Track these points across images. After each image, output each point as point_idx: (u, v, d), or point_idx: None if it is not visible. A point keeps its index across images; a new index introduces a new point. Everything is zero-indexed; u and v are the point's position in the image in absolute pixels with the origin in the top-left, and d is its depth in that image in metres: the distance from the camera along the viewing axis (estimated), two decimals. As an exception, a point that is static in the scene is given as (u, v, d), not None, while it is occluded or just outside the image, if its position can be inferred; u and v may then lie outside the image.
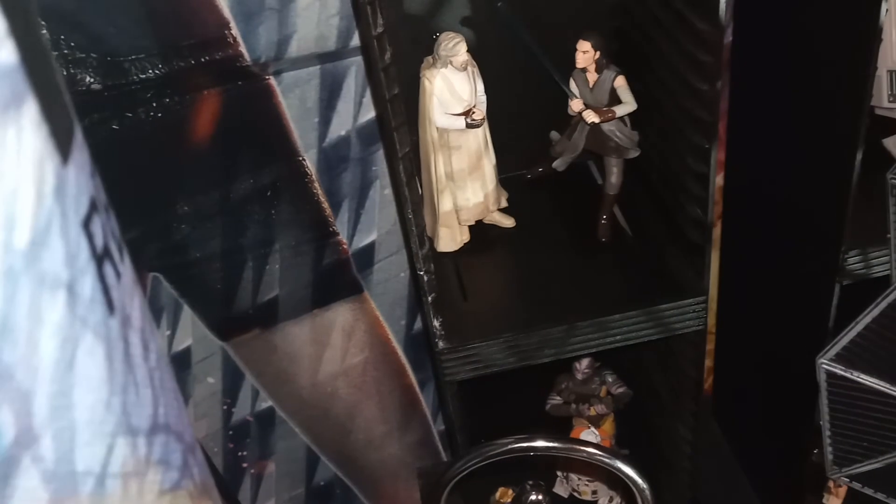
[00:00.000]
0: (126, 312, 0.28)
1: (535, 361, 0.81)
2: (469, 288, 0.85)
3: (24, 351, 0.22)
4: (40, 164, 0.25)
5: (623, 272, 0.84)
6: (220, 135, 0.94)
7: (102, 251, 0.26)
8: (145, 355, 0.30)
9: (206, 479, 0.36)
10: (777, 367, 1.02)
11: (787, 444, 1.03)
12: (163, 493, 0.30)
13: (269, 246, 1.04)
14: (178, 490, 0.31)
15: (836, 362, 0.53)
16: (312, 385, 1.17)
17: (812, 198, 0.85)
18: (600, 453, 0.60)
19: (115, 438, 0.25)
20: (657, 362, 0.98)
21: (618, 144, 0.84)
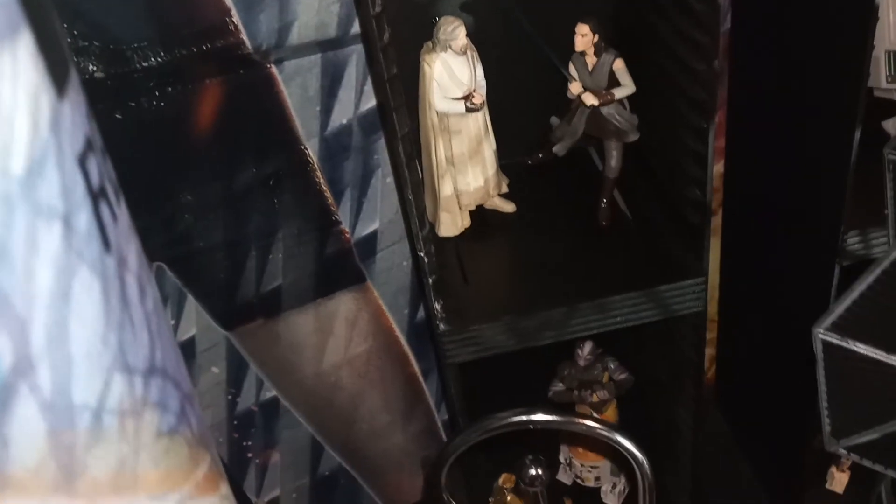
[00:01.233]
0: (122, 254, 0.29)
1: (536, 343, 0.81)
2: (470, 272, 0.85)
3: (21, 278, 0.22)
4: (36, 96, 0.25)
5: (623, 255, 0.84)
6: (223, 124, 0.95)
7: (98, 190, 0.26)
8: (142, 299, 0.30)
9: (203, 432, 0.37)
10: (778, 352, 1.02)
11: (789, 429, 1.03)
12: (160, 436, 0.30)
13: (272, 235, 1.04)
14: (176, 435, 0.32)
15: (831, 331, 0.53)
16: (316, 374, 1.17)
17: (812, 180, 0.85)
18: (598, 426, 0.61)
19: (112, 374, 0.26)
20: (658, 348, 0.98)
21: (617, 128, 0.85)
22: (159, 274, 1.03)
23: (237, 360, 1.13)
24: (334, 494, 1.29)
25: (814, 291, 0.87)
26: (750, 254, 1.07)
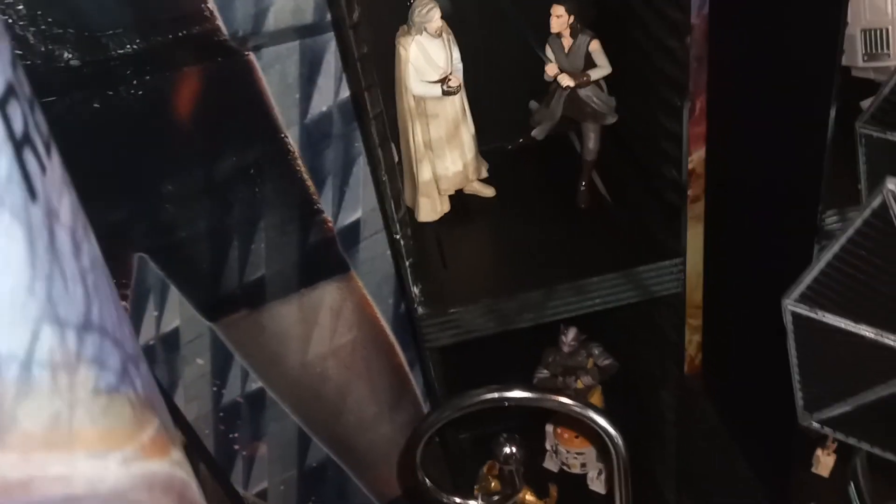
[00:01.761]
0: (52, 206, 0.29)
1: (515, 326, 0.81)
2: (449, 256, 0.85)
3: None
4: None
5: (601, 237, 0.84)
6: (202, 113, 0.95)
7: (22, 137, 0.26)
8: (76, 254, 0.30)
9: (151, 396, 0.36)
10: (762, 336, 1.02)
11: (774, 413, 1.02)
12: (97, 393, 0.30)
13: (255, 225, 1.04)
14: (116, 394, 0.31)
15: (800, 302, 0.53)
16: (302, 365, 1.17)
17: (791, 161, 0.85)
18: (572, 403, 0.60)
19: (41, 325, 0.26)
20: (640, 333, 0.98)
21: (595, 110, 0.84)
22: (142, 265, 1.03)
23: (222, 351, 1.13)
24: (322, 486, 1.29)
25: (794, 273, 0.87)
26: (733, 239, 1.07)
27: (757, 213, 0.96)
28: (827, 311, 0.52)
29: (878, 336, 0.51)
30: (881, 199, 0.47)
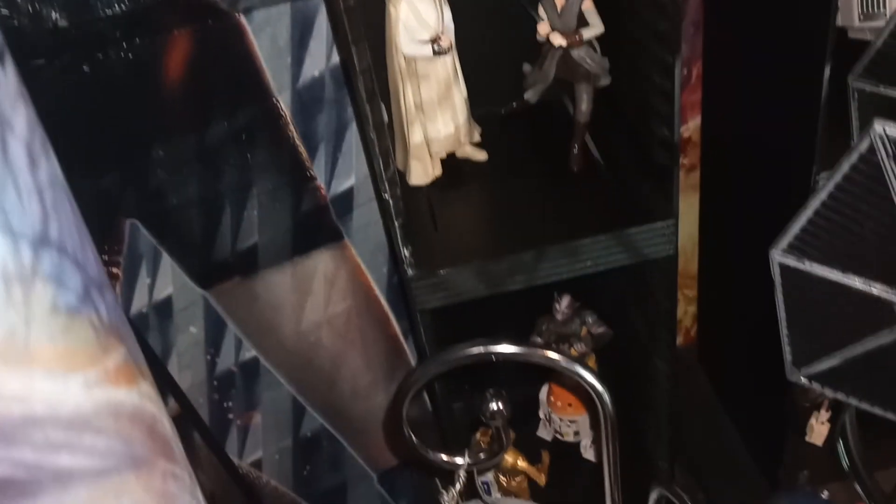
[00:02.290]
0: (5, 116, 0.28)
1: (506, 288, 0.80)
2: (441, 219, 0.85)
3: None
4: None
5: (594, 200, 0.84)
6: (193, 76, 0.94)
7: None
8: (31, 168, 0.29)
9: (118, 325, 0.36)
10: (756, 303, 1.01)
11: (768, 382, 1.02)
12: (56, 311, 0.29)
13: (247, 191, 1.03)
14: (77, 315, 0.31)
15: (788, 253, 0.52)
16: (296, 334, 1.17)
17: (785, 123, 0.84)
18: (559, 358, 0.60)
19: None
20: (634, 300, 0.98)
21: (588, 71, 0.84)
22: (133, 231, 1.02)
23: (215, 319, 1.13)
24: (317, 455, 1.29)
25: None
26: (728, 208, 1.07)
27: (752, 178, 0.96)
28: (815, 261, 0.51)
29: (866, 286, 0.50)
30: (869, 142, 0.46)
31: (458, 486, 0.65)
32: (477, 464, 0.66)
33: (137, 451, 0.35)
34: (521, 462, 0.97)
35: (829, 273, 0.51)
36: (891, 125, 0.45)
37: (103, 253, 1.02)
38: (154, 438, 0.36)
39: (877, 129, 0.45)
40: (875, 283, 0.50)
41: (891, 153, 0.45)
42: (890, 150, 0.44)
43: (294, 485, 1.30)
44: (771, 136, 0.88)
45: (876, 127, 0.45)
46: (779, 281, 0.55)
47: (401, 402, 0.61)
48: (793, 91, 0.81)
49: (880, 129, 0.45)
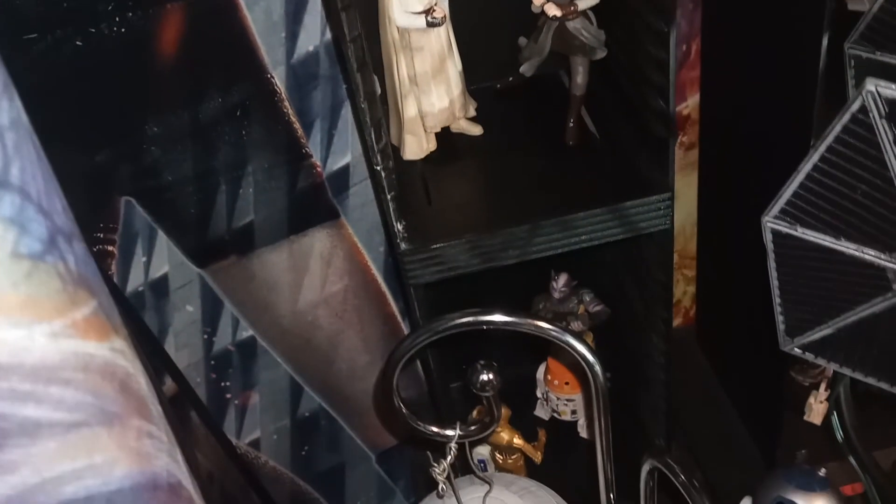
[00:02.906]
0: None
1: (500, 263, 0.80)
2: (435, 194, 0.84)
3: None
4: None
5: (589, 173, 0.83)
6: (186, 52, 0.93)
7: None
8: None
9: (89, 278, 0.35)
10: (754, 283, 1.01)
11: (766, 361, 1.01)
12: (18, 257, 0.29)
13: (242, 169, 1.03)
14: (41, 263, 0.30)
15: (779, 219, 0.51)
16: (293, 313, 1.17)
17: (783, 95, 0.83)
18: (550, 327, 0.59)
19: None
20: (630, 276, 0.97)
21: (584, 43, 0.83)
22: (129, 209, 1.02)
23: (212, 298, 1.12)
24: (315, 435, 1.29)
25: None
26: (726, 185, 1.06)
27: (751, 155, 0.95)
28: (807, 227, 0.50)
29: (858, 252, 0.49)
30: (860, 101, 0.45)
31: (450, 459, 0.64)
32: (468, 436, 0.65)
33: (109, 407, 0.34)
34: (518, 440, 0.97)
35: (821, 239, 0.50)
36: (883, 84, 0.44)
37: (98, 230, 1.02)
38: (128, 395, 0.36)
39: (869, 87, 0.44)
40: (868, 248, 0.49)
41: (884, 113, 0.44)
42: (883, 110, 0.43)
43: (292, 465, 1.30)
44: (769, 111, 0.87)
45: (868, 85, 0.44)
46: (771, 248, 0.54)
47: (391, 372, 0.60)
48: (791, 63, 0.80)
49: (872, 87, 0.44)
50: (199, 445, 1.20)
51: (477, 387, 0.61)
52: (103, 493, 0.33)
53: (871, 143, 0.45)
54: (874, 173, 0.46)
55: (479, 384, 0.61)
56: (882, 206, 0.47)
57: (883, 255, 0.49)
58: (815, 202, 0.50)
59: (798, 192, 0.51)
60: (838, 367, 0.57)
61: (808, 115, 0.76)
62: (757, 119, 0.90)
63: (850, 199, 0.49)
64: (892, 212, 0.47)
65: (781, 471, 0.77)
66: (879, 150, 0.45)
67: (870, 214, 0.48)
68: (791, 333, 0.58)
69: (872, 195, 0.47)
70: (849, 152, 0.47)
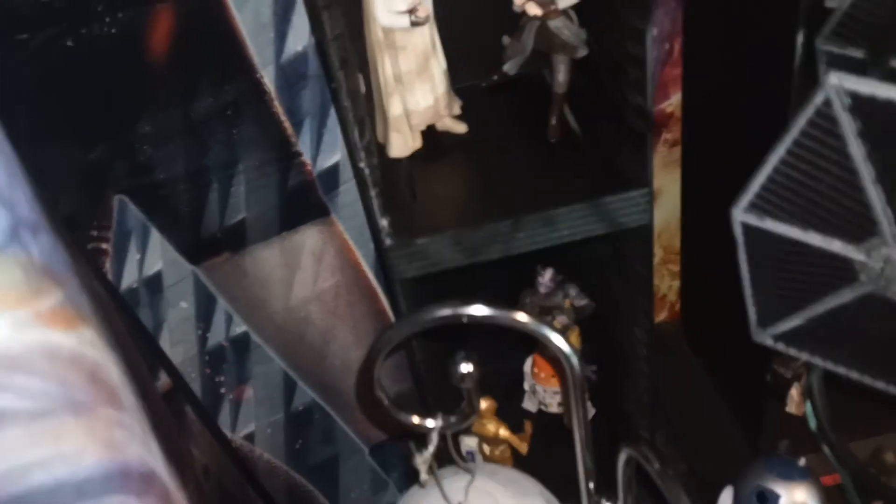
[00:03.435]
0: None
1: (484, 258, 0.82)
2: (420, 191, 0.86)
3: None
4: None
5: (571, 170, 0.84)
6: (176, 51, 0.95)
7: None
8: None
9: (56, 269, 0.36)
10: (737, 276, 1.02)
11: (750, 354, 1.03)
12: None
13: (233, 167, 1.05)
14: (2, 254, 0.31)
15: (749, 212, 0.53)
16: (285, 310, 1.18)
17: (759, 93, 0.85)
18: (528, 320, 0.61)
19: None
20: (613, 271, 0.99)
21: (565, 42, 0.84)
22: (122, 207, 1.04)
23: (205, 294, 1.14)
24: (309, 429, 1.31)
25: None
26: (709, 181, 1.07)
27: (731, 151, 0.96)
28: (776, 219, 0.52)
29: (825, 243, 0.50)
30: (824, 95, 0.46)
31: (432, 449, 0.66)
32: (449, 426, 0.67)
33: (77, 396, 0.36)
34: (504, 431, 0.99)
35: (789, 231, 0.52)
36: (847, 76, 0.45)
37: (92, 228, 1.03)
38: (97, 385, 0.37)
39: (832, 80, 0.45)
40: (834, 239, 0.51)
41: (846, 105, 0.45)
42: (845, 103, 0.45)
43: (286, 458, 1.32)
44: (747, 107, 0.89)
45: (831, 78, 0.45)
46: (741, 240, 0.55)
47: (373, 363, 0.62)
48: (767, 60, 0.81)
49: (836, 80, 0.45)
50: (195, 440, 1.22)
51: (456, 378, 0.63)
52: (72, 481, 0.34)
53: (835, 135, 0.47)
54: (839, 165, 0.48)
55: (458, 375, 0.63)
56: (846, 198, 0.49)
57: (849, 246, 0.50)
58: (782, 194, 0.52)
59: (766, 184, 0.52)
60: (809, 356, 0.59)
61: (784, 112, 0.78)
62: (735, 116, 0.91)
63: (816, 191, 0.50)
64: (856, 203, 0.49)
65: (762, 460, 0.79)
66: (843, 142, 0.47)
67: (835, 206, 0.50)
68: (763, 324, 0.60)
69: (837, 187, 0.49)
70: (814, 145, 0.48)
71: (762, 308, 0.59)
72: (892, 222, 0.49)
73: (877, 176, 0.48)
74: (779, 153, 0.51)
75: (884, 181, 0.49)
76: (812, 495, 0.75)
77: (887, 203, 0.48)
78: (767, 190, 0.52)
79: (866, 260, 0.51)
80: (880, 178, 0.48)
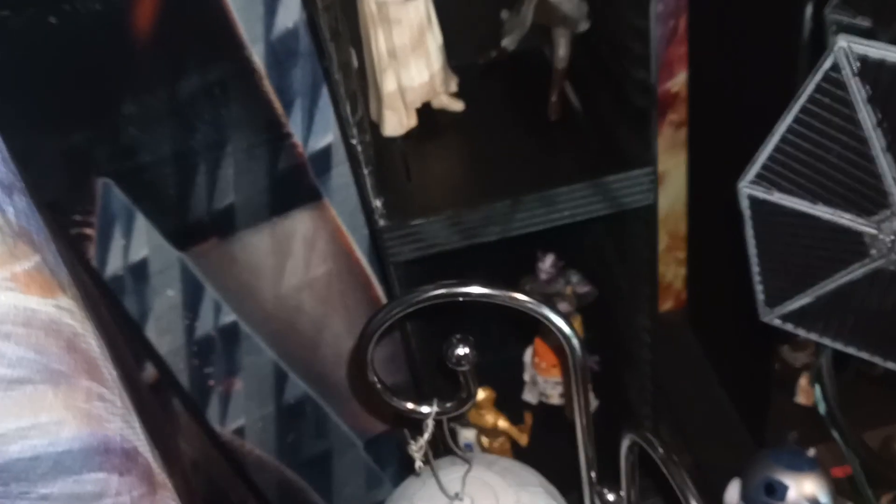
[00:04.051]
0: None
1: (481, 239, 0.78)
2: (415, 170, 0.82)
3: None
4: None
5: (572, 148, 0.81)
6: (162, 28, 0.91)
7: None
8: None
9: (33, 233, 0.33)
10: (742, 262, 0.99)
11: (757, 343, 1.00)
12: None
13: (221, 149, 1.01)
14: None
15: (756, 184, 0.50)
16: (276, 298, 1.15)
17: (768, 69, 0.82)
18: (527, 300, 0.58)
19: None
20: (616, 256, 0.95)
21: (566, 15, 0.81)
22: (106, 191, 1.00)
23: (193, 282, 1.11)
24: (301, 423, 1.27)
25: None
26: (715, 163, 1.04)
27: (738, 131, 0.93)
28: (783, 192, 0.49)
29: (834, 216, 0.47)
30: (832, 59, 0.43)
31: (427, 436, 0.63)
32: (445, 412, 0.64)
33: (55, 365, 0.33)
34: (503, 422, 0.95)
35: (797, 204, 0.49)
36: (856, 39, 0.42)
37: (76, 213, 1.00)
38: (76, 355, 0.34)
39: (841, 43, 0.42)
40: (844, 213, 0.48)
41: (856, 70, 0.42)
42: (855, 67, 0.42)
43: (278, 453, 1.29)
44: (754, 84, 0.85)
45: (840, 41, 0.42)
46: (748, 215, 0.52)
47: (366, 345, 0.59)
48: (774, 34, 0.78)
49: (845, 43, 0.42)
50: (182, 433, 1.18)
51: (452, 361, 0.60)
52: (51, 453, 0.32)
53: (844, 101, 0.44)
54: (848, 133, 0.45)
55: (454, 358, 0.59)
56: (856, 168, 0.46)
57: (859, 219, 0.47)
58: (790, 165, 0.48)
59: (773, 155, 0.49)
60: (818, 337, 0.55)
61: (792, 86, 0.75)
62: (743, 92, 0.88)
63: (825, 161, 0.47)
64: (866, 174, 0.46)
65: (770, 451, 0.76)
66: (852, 109, 0.44)
67: (845, 177, 0.47)
68: (771, 304, 0.57)
69: (847, 156, 0.46)
70: (823, 112, 0.45)
71: (769, 287, 0.56)
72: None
73: (887, 144, 0.45)
74: (786, 122, 0.47)
75: (894, 150, 0.45)
76: (821, 486, 0.73)
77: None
78: (775, 161, 0.49)
79: (877, 233, 0.48)
80: (891, 146, 0.45)
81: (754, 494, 0.75)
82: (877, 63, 0.43)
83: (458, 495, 0.65)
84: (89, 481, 0.34)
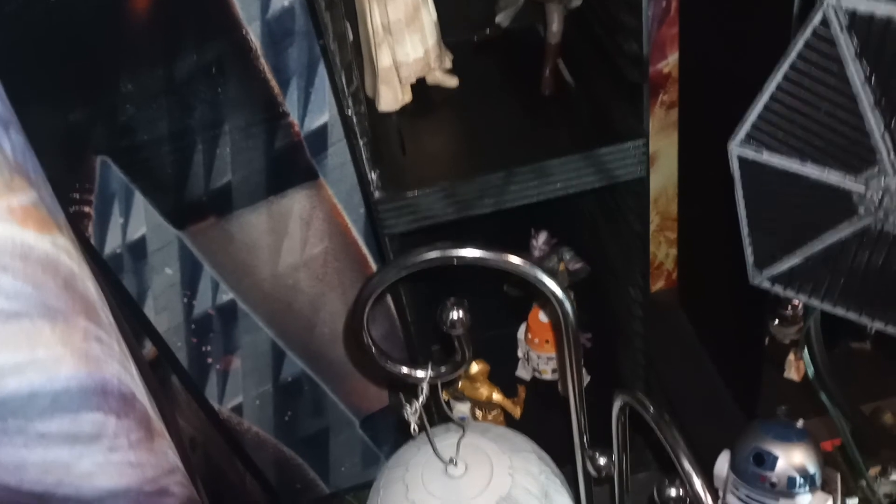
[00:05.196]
0: None
1: (475, 212, 0.79)
2: (410, 145, 0.83)
3: None
4: None
5: (565, 122, 0.82)
6: (160, 7, 0.92)
7: None
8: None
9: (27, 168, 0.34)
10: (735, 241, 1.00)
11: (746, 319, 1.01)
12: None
13: (219, 128, 1.02)
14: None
15: (746, 144, 0.51)
16: (273, 276, 1.16)
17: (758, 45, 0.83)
18: (521, 262, 0.59)
19: None
20: (608, 230, 0.97)
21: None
22: (104, 169, 1.01)
23: (191, 260, 1.12)
24: (298, 401, 1.29)
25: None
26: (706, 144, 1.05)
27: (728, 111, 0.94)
28: (773, 151, 0.50)
29: (823, 175, 0.48)
30: (821, 15, 0.44)
31: (422, 399, 0.64)
32: (440, 376, 0.65)
33: (52, 302, 0.33)
34: (497, 395, 0.97)
35: (786, 163, 0.50)
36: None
37: (74, 191, 1.01)
38: (73, 294, 0.35)
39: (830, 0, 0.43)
40: (832, 170, 0.49)
41: (844, 24, 0.43)
42: (843, 22, 0.43)
43: (275, 430, 1.30)
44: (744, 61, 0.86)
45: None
46: (738, 175, 0.53)
47: (361, 309, 0.60)
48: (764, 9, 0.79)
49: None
50: (181, 411, 1.20)
51: (447, 325, 0.61)
52: (48, 390, 0.32)
53: (832, 58, 0.45)
54: (837, 90, 0.46)
55: (448, 322, 0.61)
56: (845, 125, 0.47)
57: (847, 177, 0.48)
58: (780, 124, 0.50)
59: (763, 114, 0.50)
60: (807, 298, 0.57)
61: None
62: (733, 70, 0.89)
63: (814, 119, 0.48)
64: (854, 131, 0.47)
65: (760, 422, 0.77)
66: (841, 65, 0.45)
67: (834, 135, 0.48)
68: (760, 265, 0.58)
69: (835, 114, 0.47)
70: (812, 69, 0.46)
71: (759, 249, 0.57)
72: (891, 150, 0.47)
73: (876, 100, 0.46)
74: (776, 79, 0.48)
75: (883, 106, 0.46)
76: (809, 456, 0.74)
77: (886, 129, 0.46)
78: (764, 120, 0.50)
79: (865, 191, 0.49)
80: (879, 102, 0.46)
81: (744, 464, 0.75)
82: (866, 17, 0.44)
83: (453, 460, 0.66)
84: (87, 421, 0.35)
